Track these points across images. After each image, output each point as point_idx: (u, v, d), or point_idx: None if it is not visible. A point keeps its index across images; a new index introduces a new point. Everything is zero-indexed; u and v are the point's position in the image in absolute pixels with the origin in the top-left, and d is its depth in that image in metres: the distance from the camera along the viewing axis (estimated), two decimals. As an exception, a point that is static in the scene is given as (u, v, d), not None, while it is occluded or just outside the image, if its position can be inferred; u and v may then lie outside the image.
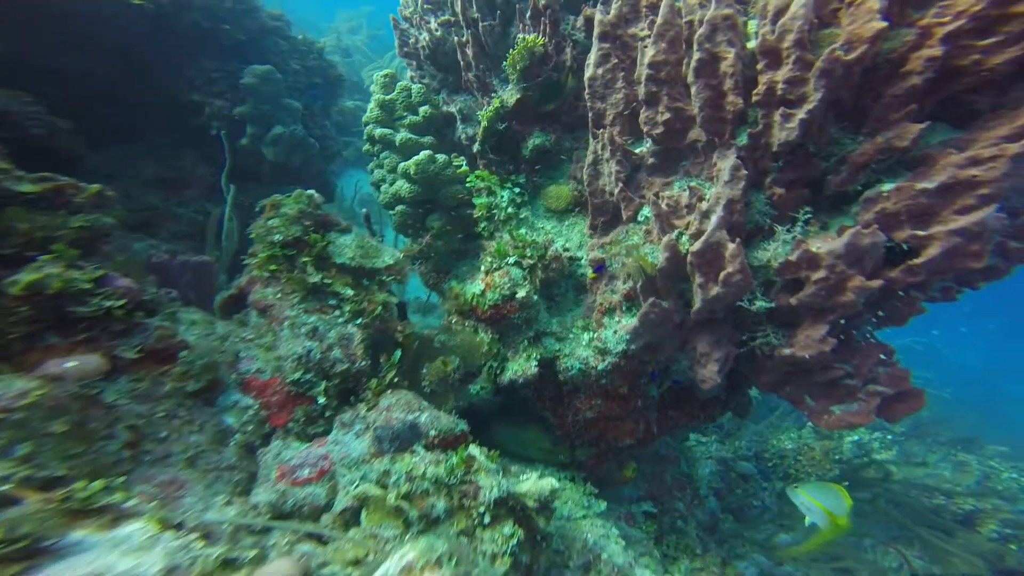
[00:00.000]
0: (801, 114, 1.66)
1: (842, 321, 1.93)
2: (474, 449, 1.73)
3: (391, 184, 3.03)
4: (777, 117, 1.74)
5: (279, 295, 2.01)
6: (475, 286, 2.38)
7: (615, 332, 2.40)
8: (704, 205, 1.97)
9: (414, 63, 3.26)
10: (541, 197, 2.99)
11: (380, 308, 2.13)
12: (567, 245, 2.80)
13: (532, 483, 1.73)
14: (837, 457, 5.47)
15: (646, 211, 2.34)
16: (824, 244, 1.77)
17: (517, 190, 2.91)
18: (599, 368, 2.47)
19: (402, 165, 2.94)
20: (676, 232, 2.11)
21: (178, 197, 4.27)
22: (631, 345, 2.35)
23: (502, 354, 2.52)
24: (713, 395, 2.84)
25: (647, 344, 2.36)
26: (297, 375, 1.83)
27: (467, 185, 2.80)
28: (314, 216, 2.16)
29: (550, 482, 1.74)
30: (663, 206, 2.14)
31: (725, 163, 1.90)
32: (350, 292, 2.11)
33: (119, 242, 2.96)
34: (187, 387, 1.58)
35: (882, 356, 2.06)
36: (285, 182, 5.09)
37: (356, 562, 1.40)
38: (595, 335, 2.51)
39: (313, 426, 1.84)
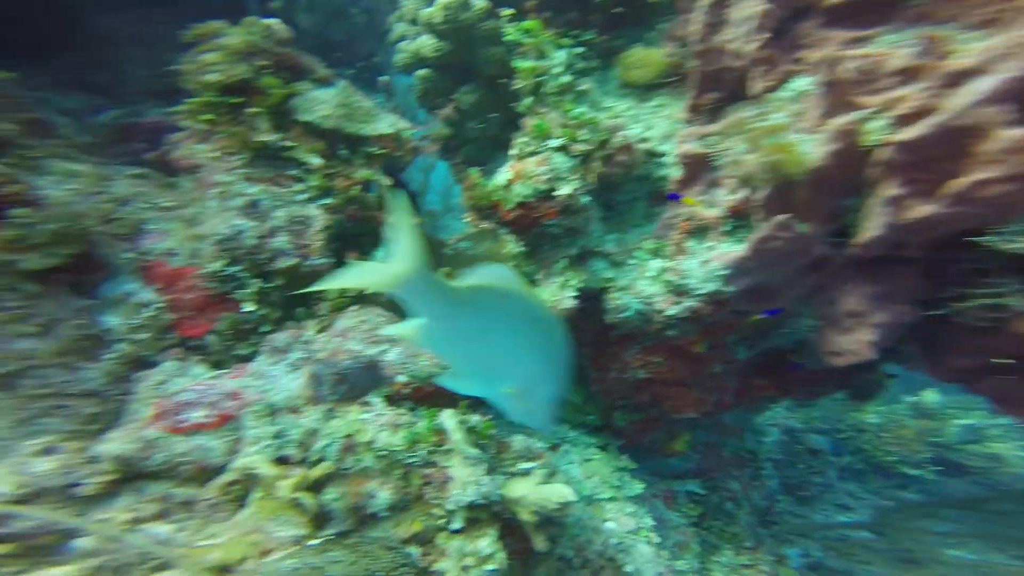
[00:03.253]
0: None
1: None
2: (448, 418, 1.03)
3: (412, 40, 2.16)
4: None
5: (215, 153, 1.32)
6: (501, 174, 1.55)
7: (704, 263, 1.51)
8: (963, 62, 0.93)
9: None
10: (617, 65, 1.96)
11: (359, 188, 1.39)
12: (646, 134, 1.83)
13: (533, 486, 1.03)
14: (935, 439, 4.25)
15: (798, 83, 1.30)
16: None
17: (580, 50, 1.90)
18: (668, 313, 1.62)
19: (425, 12, 2.03)
20: (857, 114, 1.10)
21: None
22: (728, 285, 1.45)
23: (530, 274, 1.74)
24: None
25: (755, 286, 1.45)
26: (217, 264, 1.19)
27: (507, 38, 1.85)
28: (273, 54, 1.39)
29: (559, 491, 1.02)
30: (843, 72, 1.12)
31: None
32: (317, 161, 1.38)
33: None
34: (23, 262, 0.99)
35: None
36: (329, 62, 4.32)
37: (222, 569, 0.80)
38: (670, 264, 1.62)
39: (243, 343, 1.23)
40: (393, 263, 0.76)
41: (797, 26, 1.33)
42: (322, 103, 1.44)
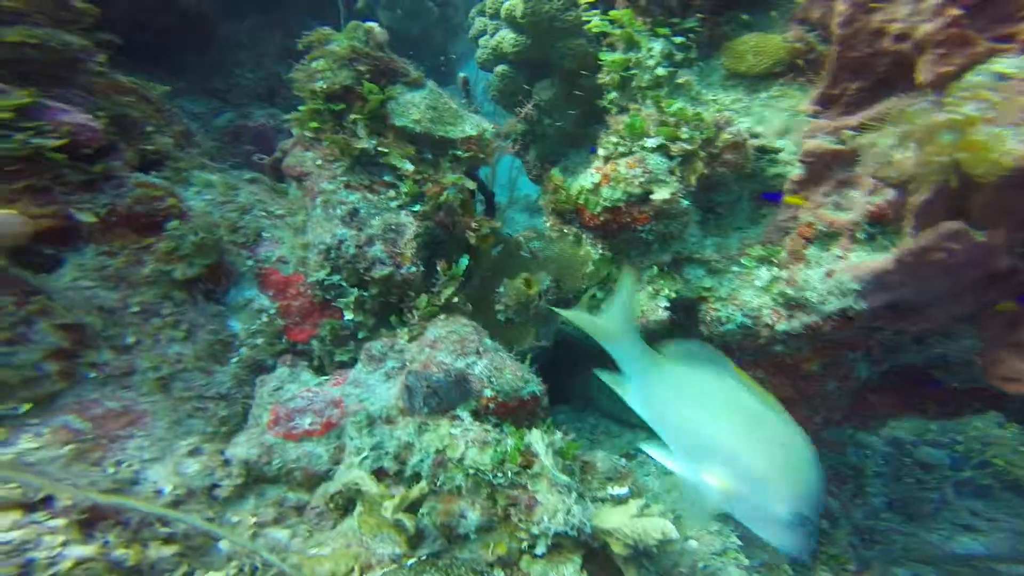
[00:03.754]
0: None
1: None
2: (538, 440, 0.98)
3: (491, 35, 2.08)
4: None
5: (319, 161, 1.37)
6: (586, 177, 1.43)
7: (829, 274, 1.28)
8: None
9: None
10: (723, 54, 1.70)
11: (447, 194, 1.36)
12: (757, 129, 1.59)
13: (628, 518, 0.94)
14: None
15: (997, 67, 1.01)
16: None
17: (679, 40, 1.68)
18: (779, 329, 1.41)
19: (506, 4, 1.93)
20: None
21: (299, 68, 3.90)
22: (862, 301, 1.22)
23: (613, 281, 1.62)
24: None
25: (898, 302, 1.21)
26: (321, 274, 1.23)
27: (590, 29, 1.70)
28: (372, 59, 1.39)
29: (661, 526, 0.92)
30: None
31: None
32: (409, 167, 1.37)
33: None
34: (174, 272, 1.08)
35: None
36: (403, 56, 4.39)
37: (333, 582, 0.83)
38: (784, 274, 1.41)
39: (341, 349, 1.27)
40: (607, 321, 0.85)
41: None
42: (414, 106, 1.42)
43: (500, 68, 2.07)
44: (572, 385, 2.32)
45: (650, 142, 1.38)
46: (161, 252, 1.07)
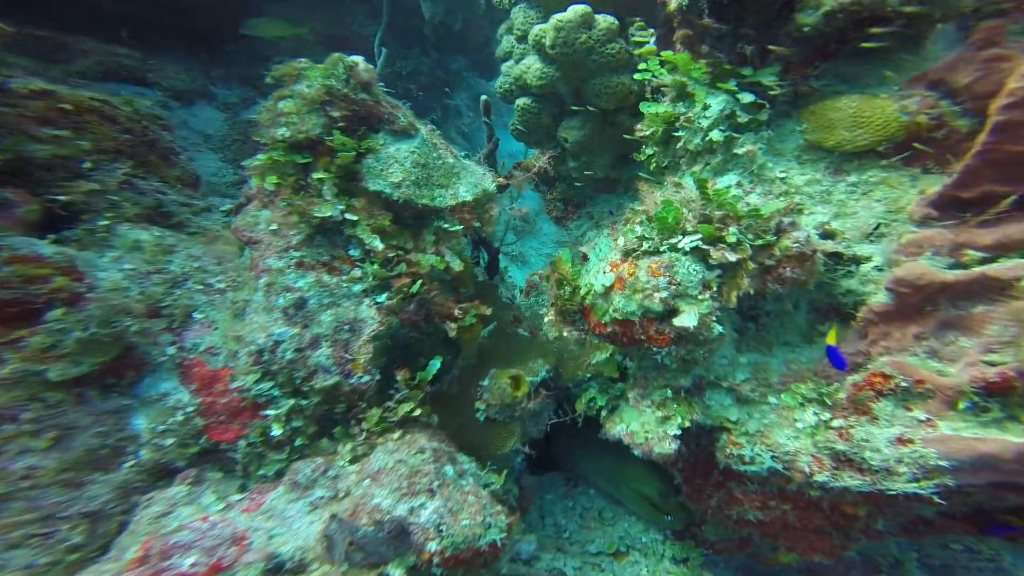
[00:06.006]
0: None
1: None
2: None
3: (517, 62, 1.69)
4: None
5: (273, 227, 1.09)
6: (598, 274, 1.09)
7: (903, 441, 0.91)
8: None
9: None
10: (805, 118, 1.26)
11: (419, 284, 1.06)
12: (834, 225, 1.17)
13: None
14: None
15: None
16: None
17: (749, 99, 1.25)
18: (819, 481, 1.06)
19: (536, 29, 1.54)
20: None
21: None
22: (952, 479, 0.86)
23: (619, 389, 1.28)
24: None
25: (1007, 483, 0.84)
26: (249, 379, 0.98)
27: (638, 76, 1.31)
28: (350, 102, 1.08)
29: None
30: None
31: None
32: (379, 245, 1.07)
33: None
34: (48, 373, 0.85)
35: None
36: (448, 49, 4.03)
37: None
38: (836, 423, 1.04)
39: (273, 456, 1.02)
40: None
41: None
42: (397, 163, 1.11)
43: (522, 101, 1.69)
44: (569, 454, 2.04)
45: (684, 242, 1.01)
46: (31, 350, 0.83)
